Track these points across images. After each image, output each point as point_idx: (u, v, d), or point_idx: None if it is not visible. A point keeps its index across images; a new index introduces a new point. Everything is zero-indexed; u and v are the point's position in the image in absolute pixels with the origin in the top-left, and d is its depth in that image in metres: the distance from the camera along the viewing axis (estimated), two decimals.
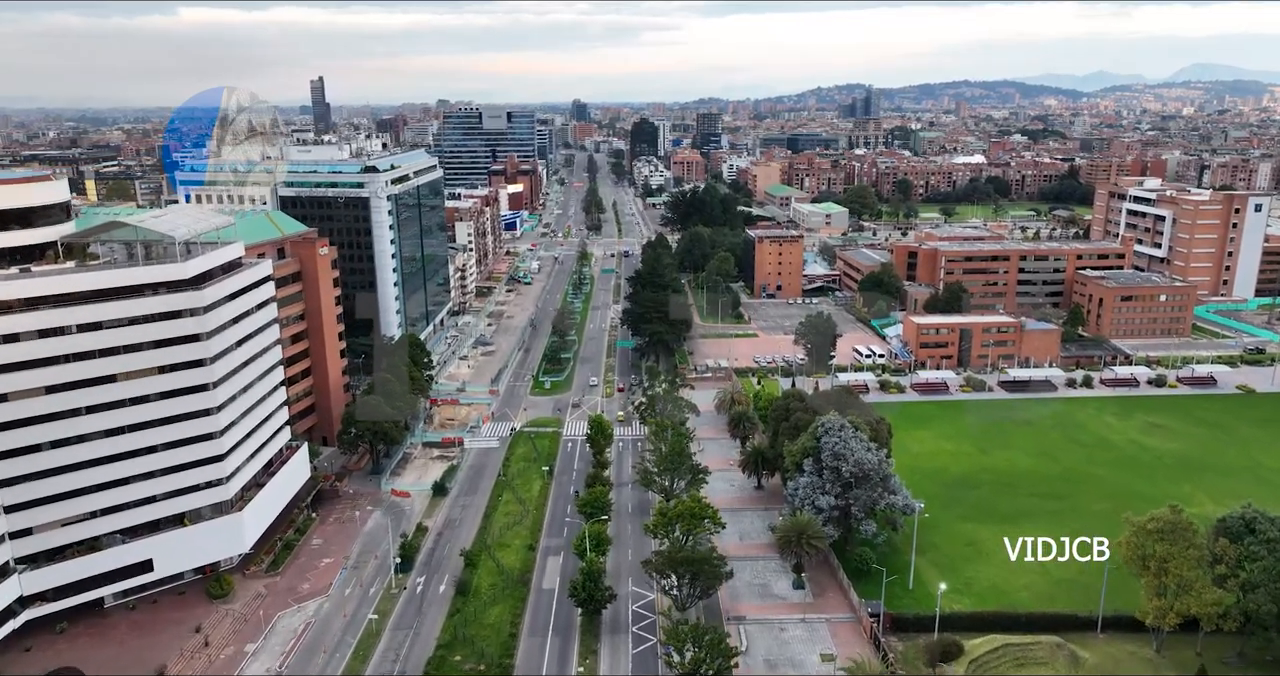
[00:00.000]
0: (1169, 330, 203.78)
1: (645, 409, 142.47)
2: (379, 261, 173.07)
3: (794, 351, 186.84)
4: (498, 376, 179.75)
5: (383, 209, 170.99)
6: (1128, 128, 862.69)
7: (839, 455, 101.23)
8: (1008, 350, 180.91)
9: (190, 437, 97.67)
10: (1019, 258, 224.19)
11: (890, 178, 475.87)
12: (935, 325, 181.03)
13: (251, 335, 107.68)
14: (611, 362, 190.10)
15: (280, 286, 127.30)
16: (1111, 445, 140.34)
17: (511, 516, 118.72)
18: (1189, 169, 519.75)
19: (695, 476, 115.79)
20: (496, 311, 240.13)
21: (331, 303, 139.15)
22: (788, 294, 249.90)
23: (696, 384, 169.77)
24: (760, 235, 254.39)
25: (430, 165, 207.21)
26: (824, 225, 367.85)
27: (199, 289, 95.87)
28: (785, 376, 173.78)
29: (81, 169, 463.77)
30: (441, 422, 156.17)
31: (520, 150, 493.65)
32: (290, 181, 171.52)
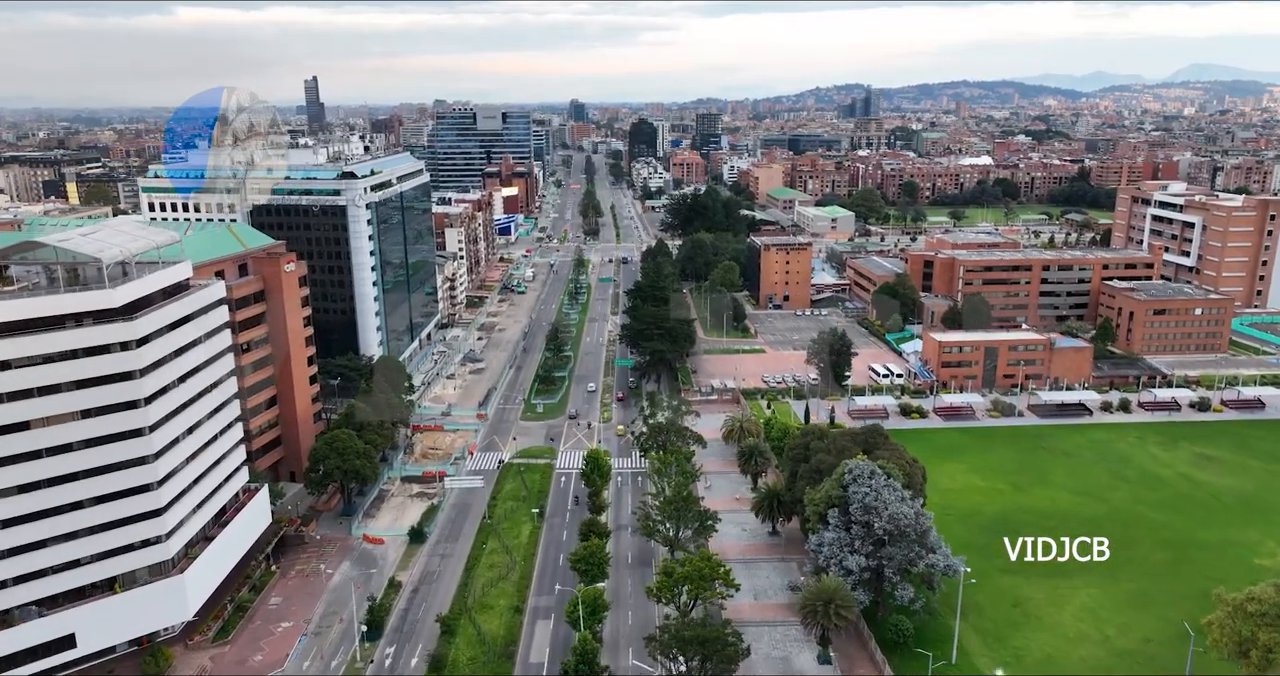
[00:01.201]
0: (1204, 346, 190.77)
1: (646, 440, 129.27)
2: (357, 275, 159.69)
3: (806, 369, 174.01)
4: (487, 398, 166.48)
5: (361, 218, 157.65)
6: (1131, 128, 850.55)
7: (870, 508, 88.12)
8: (1036, 370, 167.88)
9: (122, 491, 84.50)
10: (1041, 267, 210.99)
11: (896, 180, 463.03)
12: (959, 343, 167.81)
13: (199, 368, 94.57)
14: (609, 382, 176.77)
15: (240, 308, 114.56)
16: (1161, 481, 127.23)
17: (497, 569, 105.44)
18: (1201, 171, 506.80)
19: (703, 523, 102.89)
20: (488, 324, 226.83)
21: (300, 324, 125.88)
22: (795, 304, 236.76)
23: (701, 407, 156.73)
24: (766, 242, 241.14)
25: (415, 169, 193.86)
26: (829, 229, 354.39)
27: (131, 319, 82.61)
28: (798, 399, 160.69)
29: (63, 171, 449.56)
30: (424, 452, 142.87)
31: (516, 151, 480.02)
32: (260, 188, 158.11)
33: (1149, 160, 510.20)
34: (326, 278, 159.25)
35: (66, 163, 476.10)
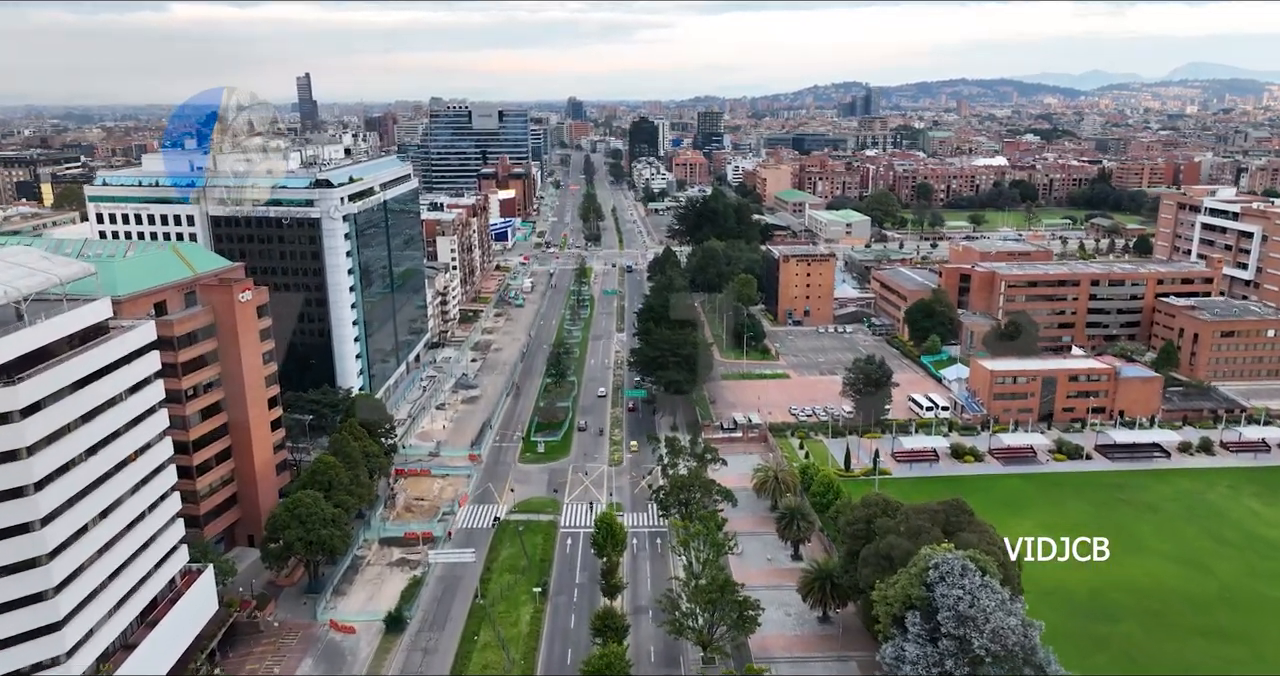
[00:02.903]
0: (1276, 371, 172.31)
1: (667, 497, 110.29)
2: (333, 296, 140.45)
3: (836, 397, 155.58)
4: (480, 434, 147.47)
5: (337, 232, 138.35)
6: (1138, 128, 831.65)
7: (966, 619, 69.23)
8: (1099, 402, 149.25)
9: (7, 603, 65.48)
10: (1090, 282, 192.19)
11: (909, 181, 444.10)
12: (1013, 373, 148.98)
13: (120, 432, 75.57)
14: (618, 415, 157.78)
15: (184, 347, 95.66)
16: (1272, 547, 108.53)
17: (491, 671, 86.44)
18: (1223, 172, 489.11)
19: (743, 614, 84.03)
20: (483, 342, 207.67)
21: (259, 361, 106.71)
22: (817, 320, 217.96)
23: (724, 446, 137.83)
24: (785, 253, 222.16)
25: (402, 175, 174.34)
26: (844, 235, 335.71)
27: (12, 383, 63.56)
28: (834, 437, 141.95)
29: (39, 171, 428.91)
30: (407, 504, 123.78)
31: (513, 151, 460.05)
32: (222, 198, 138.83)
33: (1169, 162, 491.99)
34: (298, 299, 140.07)
35: (43, 162, 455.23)
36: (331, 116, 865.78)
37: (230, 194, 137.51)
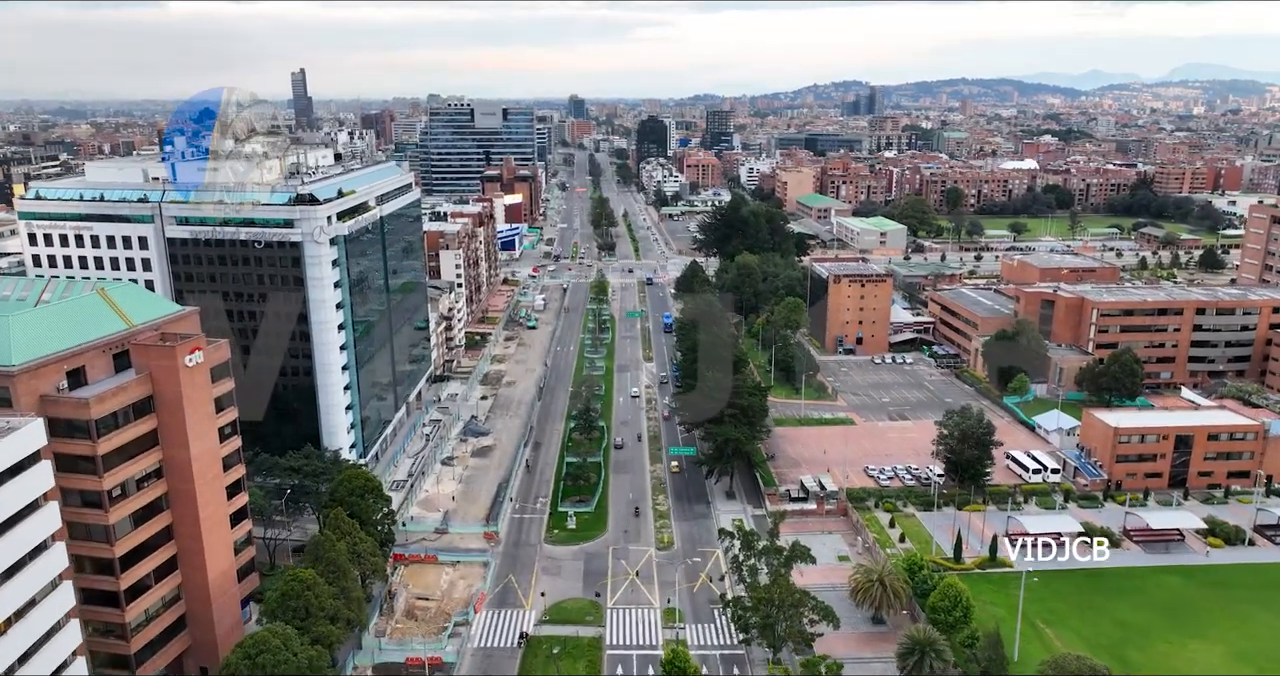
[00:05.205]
0: None
1: (748, 615, 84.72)
2: (317, 337, 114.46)
3: (914, 450, 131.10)
4: (496, 500, 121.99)
5: (323, 259, 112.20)
6: (1151, 129, 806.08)
7: None
8: (1242, 464, 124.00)
9: None
10: (1195, 310, 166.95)
11: (938, 186, 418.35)
12: (1140, 430, 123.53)
13: None
14: (659, 474, 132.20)
15: (107, 432, 69.95)
16: None
17: None
18: (1266, 176, 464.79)
19: None
20: (493, 374, 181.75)
21: (215, 441, 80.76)
22: (870, 348, 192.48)
23: (795, 521, 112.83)
24: (835, 272, 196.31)
25: (403, 185, 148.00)
26: (878, 245, 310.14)
27: None
28: (927, 509, 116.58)
29: (11, 170, 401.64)
30: (409, 608, 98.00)
31: (517, 151, 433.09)
32: (182, 217, 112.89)
33: (1210, 166, 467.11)
34: (275, 343, 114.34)
35: (18, 161, 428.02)
36: (328, 113, 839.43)
37: (191, 212, 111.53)
